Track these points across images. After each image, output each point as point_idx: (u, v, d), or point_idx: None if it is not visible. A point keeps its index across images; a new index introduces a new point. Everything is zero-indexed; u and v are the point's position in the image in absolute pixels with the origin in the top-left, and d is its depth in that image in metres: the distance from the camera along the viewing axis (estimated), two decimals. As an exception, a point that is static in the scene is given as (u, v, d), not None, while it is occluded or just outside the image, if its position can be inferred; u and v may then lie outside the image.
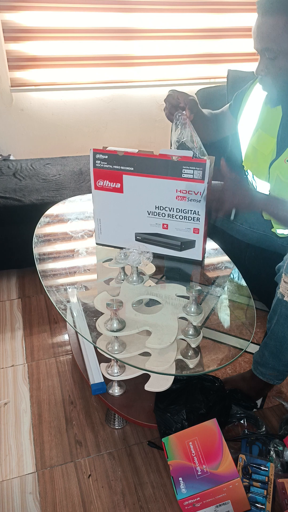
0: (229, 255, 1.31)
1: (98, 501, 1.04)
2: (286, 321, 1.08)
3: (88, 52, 2.39)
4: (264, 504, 0.98)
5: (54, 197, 1.76)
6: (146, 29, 2.44)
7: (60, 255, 1.32)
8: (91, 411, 1.26)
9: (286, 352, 1.13)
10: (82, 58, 2.40)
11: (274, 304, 1.11)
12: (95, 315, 1.08)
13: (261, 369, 1.22)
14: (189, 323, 1.03)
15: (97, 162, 1.16)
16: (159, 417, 1.09)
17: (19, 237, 1.72)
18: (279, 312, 1.09)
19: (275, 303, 1.10)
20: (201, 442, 1.00)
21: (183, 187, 1.10)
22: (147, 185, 1.13)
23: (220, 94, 1.90)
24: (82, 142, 2.59)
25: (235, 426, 1.21)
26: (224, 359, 1.04)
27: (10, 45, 2.24)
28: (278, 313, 1.10)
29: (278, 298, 1.08)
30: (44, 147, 2.54)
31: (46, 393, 1.32)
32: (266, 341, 1.17)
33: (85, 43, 2.36)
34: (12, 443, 1.17)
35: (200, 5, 2.47)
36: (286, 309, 1.07)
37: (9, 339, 1.53)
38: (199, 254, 1.18)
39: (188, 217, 1.13)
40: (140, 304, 1.14)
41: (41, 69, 2.35)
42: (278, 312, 1.09)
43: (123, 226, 1.22)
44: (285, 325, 1.09)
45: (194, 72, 2.69)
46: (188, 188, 1.09)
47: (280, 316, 1.09)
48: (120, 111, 2.62)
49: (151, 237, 1.21)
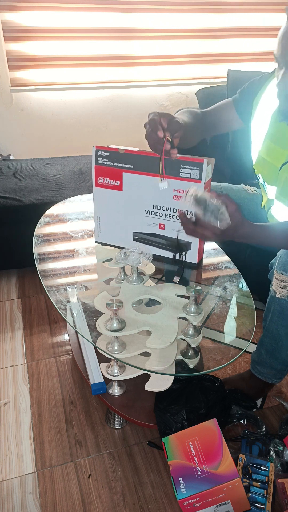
0: (229, 255, 1.31)
1: (98, 501, 1.04)
2: (280, 318, 1.09)
3: (88, 52, 2.39)
4: (264, 504, 0.98)
5: (54, 197, 1.76)
6: (146, 29, 2.44)
7: (60, 255, 1.32)
8: (91, 411, 1.26)
9: (281, 350, 1.14)
10: (82, 58, 2.40)
11: (268, 301, 1.11)
12: (95, 315, 1.08)
13: (259, 368, 1.22)
14: (189, 323, 1.03)
15: (99, 159, 1.16)
16: (159, 417, 1.09)
17: (19, 237, 1.72)
18: (272, 310, 1.10)
19: (269, 301, 1.11)
20: (201, 442, 1.00)
21: (180, 187, 1.09)
22: (145, 183, 1.13)
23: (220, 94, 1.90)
24: (82, 142, 2.59)
25: (235, 426, 1.21)
26: (224, 359, 1.04)
27: (10, 45, 2.24)
28: (271, 311, 1.10)
29: (271, 295, 1.09)
30: (44, 147, 2.54)
31: (46, 393, 1.32)
32: (262, 340, 1.18)
33: (85, 43, 2.36)
34: (12, 443, 1.17)
35: (200, 5, 2.47)
36: (279, 306, 1.08)
37: (9, 339, 1.53)
38: (194, 257, 1.18)
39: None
40: (140, 304, 1.14)
41: (41, 69, 2.35)
42: (271, 309, 1.10)
43: (122, 225, 1.22)
44: (279, 322, 1.09)
45: (194, 72, 2.69)
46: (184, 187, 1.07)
47: (273, 313, 1.10)
48: (120, 111, 2.62)
49: (148, 237, 1.21)
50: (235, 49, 2.70)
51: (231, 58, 2.73)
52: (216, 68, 2.73)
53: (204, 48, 2.64)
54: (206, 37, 2.60)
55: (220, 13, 2.55)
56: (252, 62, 2.78)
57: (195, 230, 0.92)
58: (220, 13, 2.55)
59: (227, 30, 2.62)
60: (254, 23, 2.64)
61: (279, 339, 1.12)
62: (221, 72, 2.73)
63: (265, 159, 1.16)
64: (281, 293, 1.06)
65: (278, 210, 1.20)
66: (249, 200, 1.37)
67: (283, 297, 1.06)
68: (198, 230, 0.91)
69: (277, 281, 1.06)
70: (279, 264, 1.06)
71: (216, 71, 2.73)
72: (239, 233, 0.93)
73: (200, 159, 1.05)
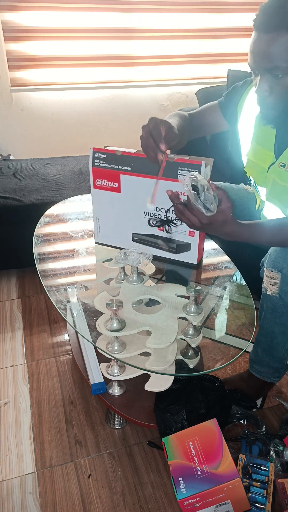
0: (229, 255, 1.31)
1: (98, 501, 1.04)
2: (272, 316, 1.09)
3: (88, 52, 2.39)
4: (264, 504, 0.98)
5: (54, 197, 1.76)
6: (146, 29, 2.44)
7: (60, 255, 1.32)
8: (91, 411, 1.26)
9: (277, 347, 1.14)
10: (82, 58, 2.40)
11: (261, 299, 1.12)
12: (95, 315, 1.08)
13: (256, 367, 1.22)
14: (189, 323, 1.03)
15: (96, 161, 1.16)
16: (159, 417, 1.09)
17: (19, 237, 1.72)
18: (265, 307, 1.11)
19: (261, 298, 1.12)
20: (201, 442, 1.00)
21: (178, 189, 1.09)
22: (143, 185, 1.13)
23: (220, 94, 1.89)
24: (82, 142, 2.59)
25: (235, 426, 1.21)
26: (224, 359, 1.04)
27: (10, 45, 2.24)
28: (264, 308, 1.11)
29: (263, 293, 1.09)
30: (44, 147, 2.54)
31: (46, 393, 1.32)
32: (257, 338, 1.18)
33: (85, 43, 2.36)
34: (12, 443, 1.17)
35: (200, 5, 2.47)
36: (271, 303, 1.08)
37: (9, 339, 1.53)
38: (194, 257, 1.18)
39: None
40: (140, 304, 1.14)
41: (41, 69, 2.35)
42: (264, 307, 1.10)
43: (121, 226, 1.22)
44: (272, 319, 1.10)
45: (194, 72, 2.69)
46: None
47: (266, 311, 1.10)
48: (120, 111, 2.62)
49: (147, 238, 1.21)
50: (235, 49, 2.71)
51: (231, 58, 2.73)
52: (216, 68, 2.73)
53: (204, 48, 2.64)
54: (206, 37, 2.60)
55: (220, 13, 2.55)
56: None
57: (183, 212, 0.94)
58: (220, 13, 2.55)
59: (227, 30, 2.62)
60: (254, 23, 2.64)
61: (274, 336, 1.12)
62: (221, 72, 2.73)
63: (253, 161, 1.17)
64: (271, 290, 1.06)
65: (269, 211, 1.21)
66: (249, 200, 1.37)
67: (274, 294, 1.06)
68: (185, 213, 0.94)
69: (267, 278, 1.06)
70: (269, 261, 1.06)
71: (216, 71, 2.74)
72: (225, 230, 0.95)
73: (198, 161, 1.04)
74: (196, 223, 0.93)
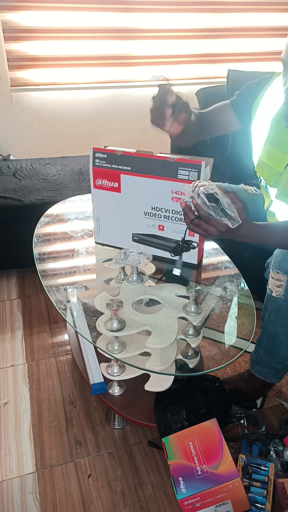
0: (229, 255, 1.31)
1: (98, 501, 1.04)
2: (276, 317, 1.09)
3: (88, 52, 2.39)
4: (264, 504, 0.98)
5: (54, 197, 1.76)
6: (146, 29, 2.44)
7: (60, 255, 1.32)
8: (91, 411, 1.26)
9: (279, 349, 1.14)
10: (82, 58, 2.40)
11: (265, 300, 1.12)
12: (95, 315, 1.08)
13: (257, 367, 1.22)
14: (189, 323, 1.03)
15: (96, 161, 1.16)
16: (159, 417, 1.09)
17: (19, 237, 1.72)
18: (269, 309, 1.10)
19: (266, 300, 1.11)
20: (201, 442, 1.00)
21: (178, 188, 1.09)
22: (143, 185, 1.13)
23: (220, 94, 1.90)
24: (82, 142, 2.59)
25: (235, 426, 1.21)
26: (224, 359, 1.04)
27: (10, 45, 2.24)
28: (268, 310, 1.11)
29: (267, 294, 1.09)
30: (44, 147, 2.54)
31: (46, 393, 1.32)
32: (259, 339, 1.18)
33: (85, 43, 2.36)
34: (12, 443, 1.17)
35: (200, 5, 2.47)
36: (276, 305, 1.08)
37: (9, 339, 1.53)
38: (194, 257, 1.18)
39: (183, 219, 1.12)
40: (140, 304, 1.14)
41: (41, 69, 2.35)
42: (268, 308, 1.10)
43: (121, 226, 1.22)
44: (276, 321, 1.10)
45: (194, 72, 2.69)
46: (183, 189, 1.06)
47: (270, 312, 1.10)
48: (120, 111, 2.62)
49: (147, 238, 1.21)
50: (235, 49, 2.71)
51: (231, 58, 2.73)
52: (216, 68, 2.73)
53: (204, 48, 2.64)
54: (206, 37, 2.60)
55: (220, 13, 2.55)
56: (252, 62, 2.78)
57: (199, 224, 0.90)
58: (220, 13, 2.55)
59: (227, 30, 2.62)
60: (254, 23, 2.65)
61: (277, 338, 1.12)
62: (221, 72, 2.73)
63: (266, 163, 1.16)
64: (277, 292, 1.06)
65: (277, 207, 1.20)
66: (249, 200, 1.37)
67: (279, 296, 1.06)
68: (202, 225, 0.89)
69: (273, 280, 1.07)
70: (275, 263, 1.06)
71: (216, 71, 2.74)
72: (241, 232, 0.92)
73: (198, 160, 1.04)
74: (213, 233, 0.89)
